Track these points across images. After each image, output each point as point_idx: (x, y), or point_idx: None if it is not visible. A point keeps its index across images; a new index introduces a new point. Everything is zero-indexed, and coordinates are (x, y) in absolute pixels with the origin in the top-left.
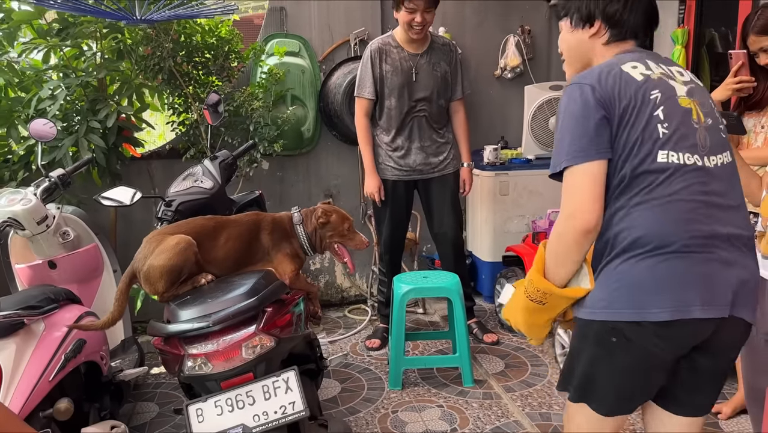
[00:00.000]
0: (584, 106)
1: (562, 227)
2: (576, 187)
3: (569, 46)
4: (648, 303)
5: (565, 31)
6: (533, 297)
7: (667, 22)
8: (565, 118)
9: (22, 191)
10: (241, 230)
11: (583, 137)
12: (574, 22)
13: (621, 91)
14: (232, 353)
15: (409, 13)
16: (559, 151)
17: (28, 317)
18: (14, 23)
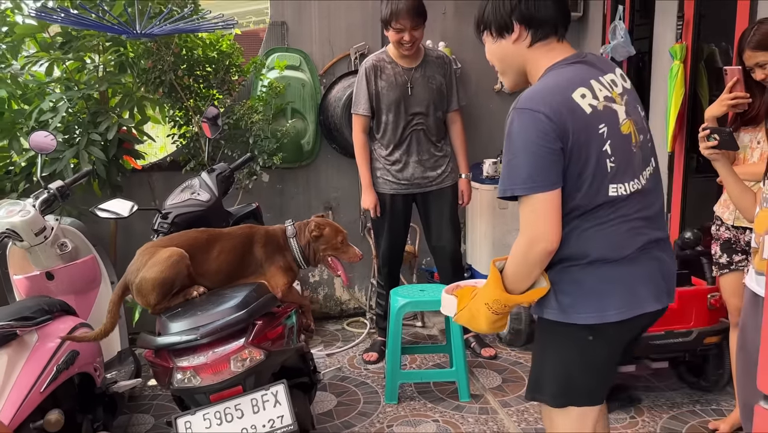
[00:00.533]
0: (542, 136)
1: (527, 249)
2: (538, 214)
3: (498, 58)
4: (612, 304)
5: (489, 45)
6: (499, 311)
7: (665, 37)
8: (520, 144)
9: (21, 203)
10: (234, 242)
11: (542, 168)
12: (495, 32)
13: (573, 125)
14: (221, 366)
15: (397, 33)
16: (513, 176)
17: (21, 328)
18: (17, 36)
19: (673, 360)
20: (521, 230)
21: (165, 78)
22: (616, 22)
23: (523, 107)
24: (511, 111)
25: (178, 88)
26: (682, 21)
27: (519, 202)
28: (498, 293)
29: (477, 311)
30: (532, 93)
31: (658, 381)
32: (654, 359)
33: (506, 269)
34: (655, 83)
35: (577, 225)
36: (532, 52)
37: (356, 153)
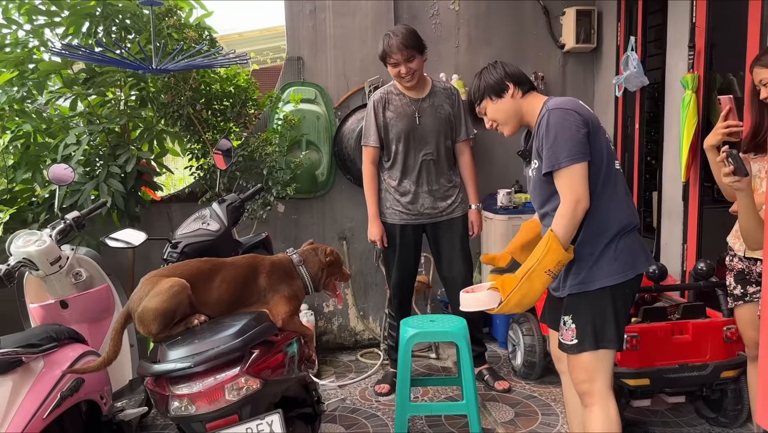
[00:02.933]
0: (574, 123)
1: (573, 209)
2: (577, 179)
3: (503, 114)
4: (638, 262)
5: (491, 108)
6: (555, 271)
7: (677, 66)
8: (559, 130)
9: (38, 233)
10: (236, 272)
11: (578, 144)
12: (494, 96)
13: (590, 118)
14: (216, 395)
15: (394, 67)
16: (557, 154)
17: (27, 355)
18: (42, 72)
19: (690, 394)
20: (565, 196)
21: (183, 112)
22: (629, 53)
23: (555, 108)
24: (545, 114)
25: (196, 121)
26: (693, 51)
27: (558, 176)
28: (560, 254)
29: (534, 283)
30: (556, 101)
31: (676, 416)
32: (669, 393)
33: (556, 231)
34: (669, 113)
35: (601, 193)
36: (525, 101)
37: (365, 184)
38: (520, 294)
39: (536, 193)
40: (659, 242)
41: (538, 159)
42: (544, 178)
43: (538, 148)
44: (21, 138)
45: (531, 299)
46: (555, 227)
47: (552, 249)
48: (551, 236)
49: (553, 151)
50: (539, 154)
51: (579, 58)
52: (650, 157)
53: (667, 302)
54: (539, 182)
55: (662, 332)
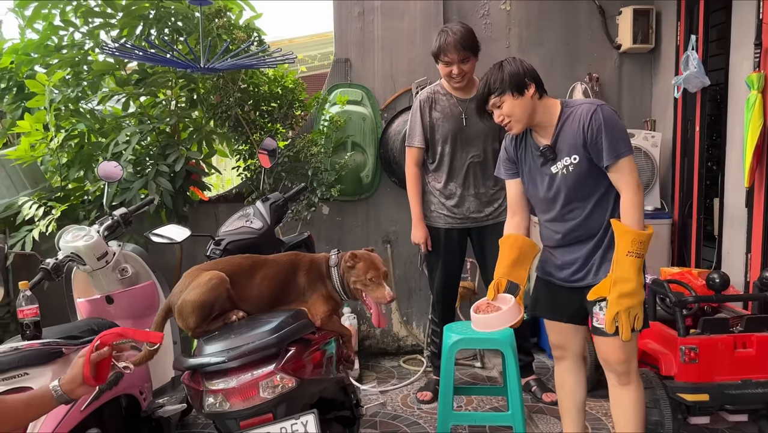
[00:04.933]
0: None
1: (639, 194)
2: (635, 168)
3: (521, 111)
4: None
5: (510, 103)
6: (637, 251)
7: (741, 65)
8: (616, 123)
9: (86, 229)
10: (277, 269)
11: (628, 137)
12: (515, 92)
13: None
14: (250, 392)
15: (446, 66)
16: (618, 144)
17: (67, 347)
18: (94, 73)
19: (754, 413)
20: (629, 184)
21: (231, 113)
22: (689, 53)
23: (602, 104)
24: (595, 109)
25: (244, 122)
26: (760, 49)
27: (619, 167)
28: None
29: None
30: (592, 99)
31: None
32: (731, 411)
33: (631, 217)
34: (732, 115)
35: None
36: (542, 102)
37: (408, 186)
38: (619, 286)
39: (570, 188)
40: (720, 251)
41: (581, 153)
42: (588, 172)
43: (586, 142)
44: (76, 138)
45: (631, 286)
46: (625, 215)
47: (622, 232)
48: (615, 223)
49: (614, 142)
50: (582, 149)
51: (636, 59)
52: (711, 162)
53: (728, 314)
54: (581, 177)
55: (723, 345)
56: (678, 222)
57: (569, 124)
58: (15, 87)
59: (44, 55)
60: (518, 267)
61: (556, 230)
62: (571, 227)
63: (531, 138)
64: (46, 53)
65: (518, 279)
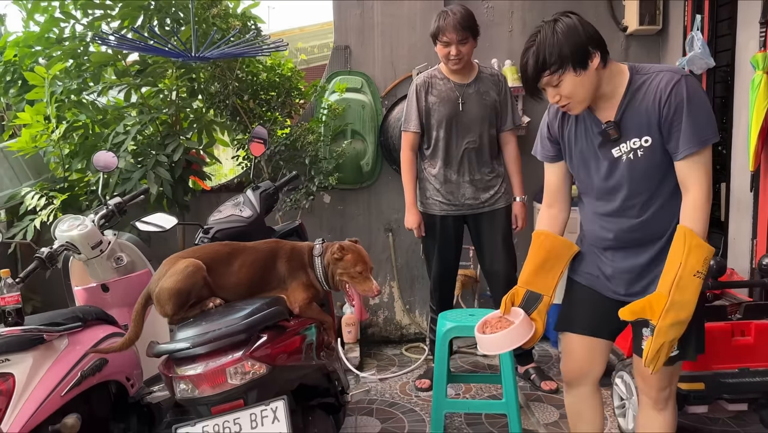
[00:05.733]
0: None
1: (709, 197)
2: (711, 162)
3: (584, 89)
4: None
5: (572, 81)
6: (704, 271)
7: (747, 45)
8: (703, 102)
9: (81, 218)
10: (256, 257)
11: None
12: (577, 67)
13: None
14: (218, 379)
15: (444, 47)
16: (704, 128)
17: (48, 333)
18: (93, 64)
19: (754, 402)
20: (701, 182)
21: (228, 102)
22: (693, 33)
23: (686, 74)
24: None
25: (242, 111)
26: (765, 28)
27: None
28: (705, 249)
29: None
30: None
31: (738, 426)
32: (729, 399)
33: (702, 226)
34: (738, 97)
35: None
36: (605, 71)
37: (403, 171)
38: (673, 312)
39: (637, 178)
40: (727, 238)
41: (655, 135)
42: (662, 158)
43: (661, 121)
44: (80, 129)
45: (687, 313)
46: (691, 221)
47: (695, 246)
48: (686, 231)
49: (698, 125)
50: (657, 129)
51: (643, 41)
52: (721, 146)
53: (730, 301)
54: (653, 163)
55: (720, 333)
56: None
57: (641, 96)
58: (19, 80)
59: (46, 47)
60: (545, 273)
61: (610, 228)
62: (631, 225)
63: (586, 111)
64: (47, 45)
65: (543, 288)
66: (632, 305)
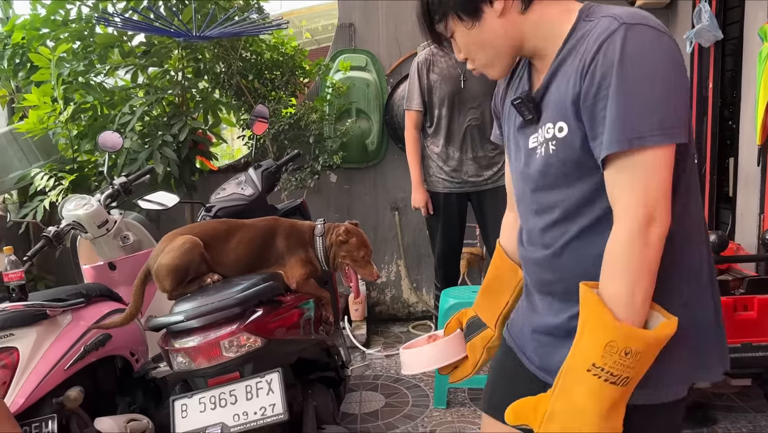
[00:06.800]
0: (677, 63)
1: (643, 235)
2: (658, 176)
3: (482, 46)
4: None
5: (463, 34)
6: (611, 368)
7: (756, 16)
8: (648, 70)
9: (87, 197)
10: (254, 233)
11: (678, 107)
12: (465, 15)
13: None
14: (213, 351)
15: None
16: (637, 117)
17: (51, 309)
18: (98, 46)
19: (757, 377)
20: (628, 207)
21: (233, 81)
22: (701, 5)
23: (640, 23)
24: (612, 27)
25: (246, 91)
26: None
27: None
28: (615, 330)
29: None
30: (634, 11)
31: (742, 401)
32: (732, 374)
33: (613, 283)
34: (747, 70)
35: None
36: (537, 14)
37: (407, 150)
38: (558, 424)
39: (546, 186)
40: (735, 213)
41: (571, 120)
42: (578, 161)
43: (580, 98)
44: (88, 110)
45: (586, 426)
46: (605, 276)
47: (593, 321)
48: (586, 294)
49: (634, 110)
50: (573, 112)
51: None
52: (731, 120)
53: (734, 276)
54: (566, 168)
55: (723, 308)
56: None
57: (573, 57)
58: (28, 62)
59: (52, 29)
60: (491, 297)
61: (526, 258)
62: (538, 259)
63: (526, 75)
64: (54, 28)
65: (487, 316)
66: (517, 404)
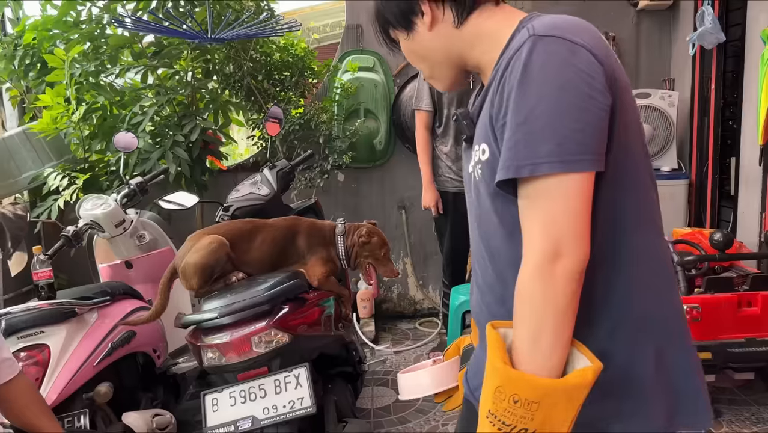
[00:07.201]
0: (588, 80)
1: (547, 272)
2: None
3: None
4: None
5: (404, 45)
6: (507, 419)
7: (758, 19)
8: (551, 88)
9: (104, 197)
10: (276, 233)
11: (589, 130)
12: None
13: (619, 74)
14: (244, 347)
15: None
16: (537, 142)
17: (80, 307)
18: (111, 47)
19: (761, 372)
20: (532, 241)
21: (243, 82)
22: (704, 7)
23: (552, 34)
24: (526, 42)
25: (256, 92)
26: None
27: (528, 194)
28: (498, 374)
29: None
30: (554, 21)
31: (745, 394)
32: (735, 369)
33: (514, 329)
34: (748, 72)
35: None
36: (468, 29)
37: (418, 150)
38: None
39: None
40: (736, 211)
41: (491, 141)
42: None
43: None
44: (98, 110)
45: None
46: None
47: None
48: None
49: (525, 134)
50: (493, 131)
51: (654, 17)
52: (731, 121)
53: (737, 273)
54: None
55: (727, 304)
56: (695, 182)
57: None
58: (39, 63)
59: (64, 30)
60: None
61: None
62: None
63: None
64: (65, 29)
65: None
66: None
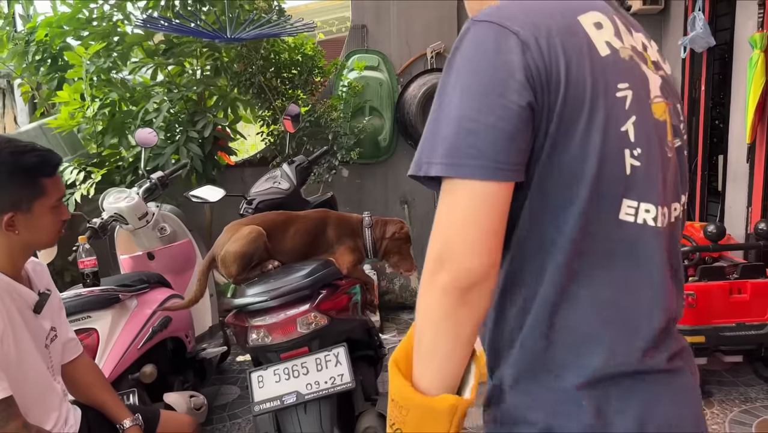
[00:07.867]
0: (504, 74)
1: (429, 280)
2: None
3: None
4: None
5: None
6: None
7: (746, 25)
8: (462, 82)
9: (127, 191)
10: (308, 225)
11: (482, 131)
12: None
13: (573, 68)
14: (289, 328)
15: None
16: (435, 141)
17: (123, 293)
18: (126, 45)
19: (748, 354)
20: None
21: (254, 80)
22: (695, 13)
23: (487, 19)
24: (464, 28)
25: (266, 89)
26: (764, 9)
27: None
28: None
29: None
30: (510, 4)
31: (733, 376)
32: (726, 351)
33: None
34: (737, 75)
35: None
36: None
37: None
38: None
39: None
40: (723, 206)
41: None
42: None
43: None
44: (108, 106)
45: None
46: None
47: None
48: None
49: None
50: None
51: (646, 21)
52: (718, 120)
53: (726, 263)
54: None
55: (719, 291)
56: None
57: None
58: (50, 59)
59: (76, 27)
60: None
61: None
62: None
63: None
64: (77, 26)
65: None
66: None
